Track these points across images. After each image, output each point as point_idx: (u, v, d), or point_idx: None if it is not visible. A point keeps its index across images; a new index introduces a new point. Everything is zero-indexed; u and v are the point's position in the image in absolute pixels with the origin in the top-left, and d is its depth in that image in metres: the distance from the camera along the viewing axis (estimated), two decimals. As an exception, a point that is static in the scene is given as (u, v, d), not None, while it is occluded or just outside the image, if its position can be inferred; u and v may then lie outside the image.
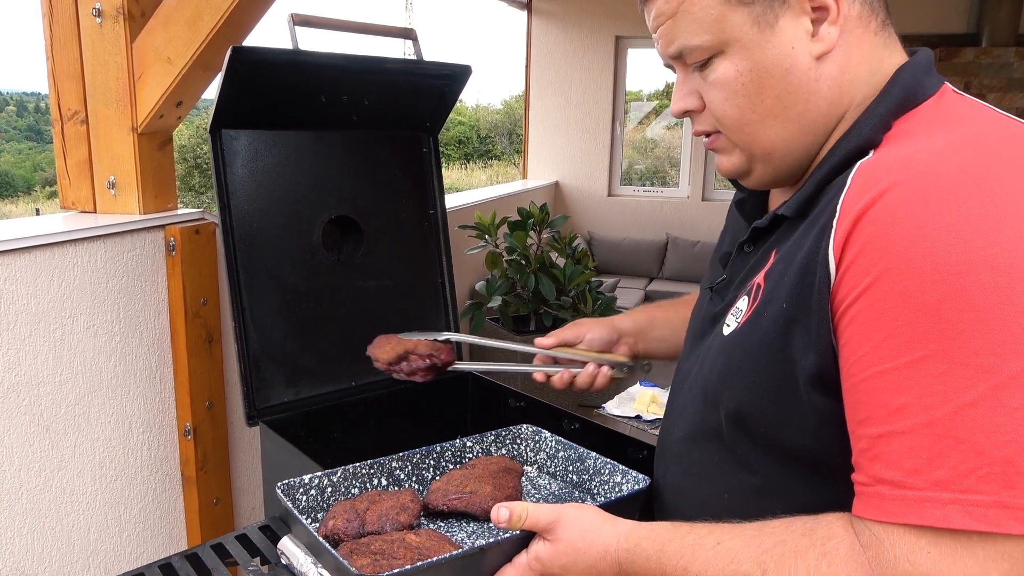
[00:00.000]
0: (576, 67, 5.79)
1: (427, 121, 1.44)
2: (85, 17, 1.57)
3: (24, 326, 1.34)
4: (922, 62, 0.71)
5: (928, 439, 0.54)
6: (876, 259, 0.57)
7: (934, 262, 0.54)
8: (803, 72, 0.69)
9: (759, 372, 0.69)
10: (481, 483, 0.96)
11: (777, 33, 0.68)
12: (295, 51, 1.15)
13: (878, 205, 0.58)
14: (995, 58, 4.77)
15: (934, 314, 0.54)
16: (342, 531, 0.88)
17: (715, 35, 0.69)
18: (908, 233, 0.56)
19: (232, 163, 1.21)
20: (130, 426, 1.58)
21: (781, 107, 0.70)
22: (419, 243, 1.46)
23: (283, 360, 1.28)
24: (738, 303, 0.76)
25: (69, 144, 1.65)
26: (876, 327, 0.57)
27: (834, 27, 0.68)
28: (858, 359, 0.59)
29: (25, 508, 1.38)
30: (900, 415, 0.56)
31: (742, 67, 0.69)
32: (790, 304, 0.65)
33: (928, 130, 0.65)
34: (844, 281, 0.60)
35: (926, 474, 0.54)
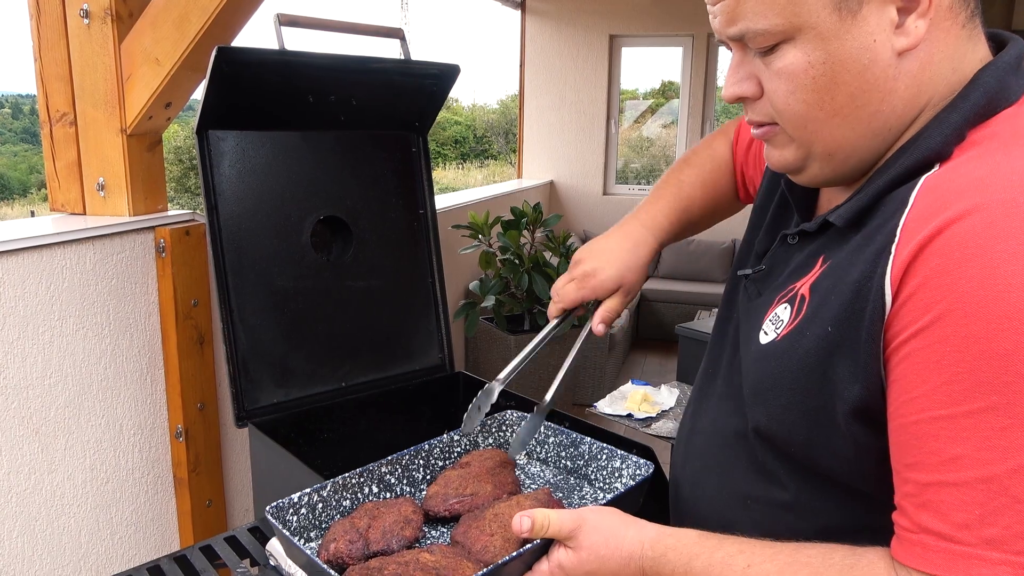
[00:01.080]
0: (570, 66, 5.79)
1: (416, 121, 1.44)
2: (73, 18, 1.56)
3: (12, 328, 1.34)
4: (1010, 60, 0.63)
5: (982, 495, 0.52)
6: (940, 296, 0.53)
7: (1006, 308, 0.50)
8: (882, 68, 0.61)
9: (796, 394, 0.66)
10: (480, 482, 0.94)
11: (859, 22, 0.60)
12: (281, 51, 1.14)
13: (946, 235, 0.53)
14: (988, 55, 4.77)
15: (1001, 364, 0.50)
16: (346, 554, 0.82)
17: (788, 19, 0.61)
18: (979, 271, 0.51)
19: (219, 164, 1.21)
20: (121, 428, 1.58)
21: (853, 106, 0.63)
22: (409, 243, 1.46)
23: (272, 361, 1.28)
24: (777, 310, 0.71)
25: (58, 146, 1.65)
26: (935, 369, 0.53)
27: (923, 20, 0.60)
28: (911, 399, 0.55)
29: (15, 511, 1.37)
30: (954, 466, 0.53)
31: (814, 58, 0.62)
32: (836, 329, 0.61)
33: (1007, 146, 0.58)
34: (901, 314, 0.56)
35: (977, 530, 0.52)
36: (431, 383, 1.46)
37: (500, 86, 52.44)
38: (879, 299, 0.57)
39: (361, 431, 1.36)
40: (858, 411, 0.61)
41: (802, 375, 0.65)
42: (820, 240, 0.70)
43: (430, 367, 1.48)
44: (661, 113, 9.33)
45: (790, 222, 0.80)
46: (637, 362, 4.96)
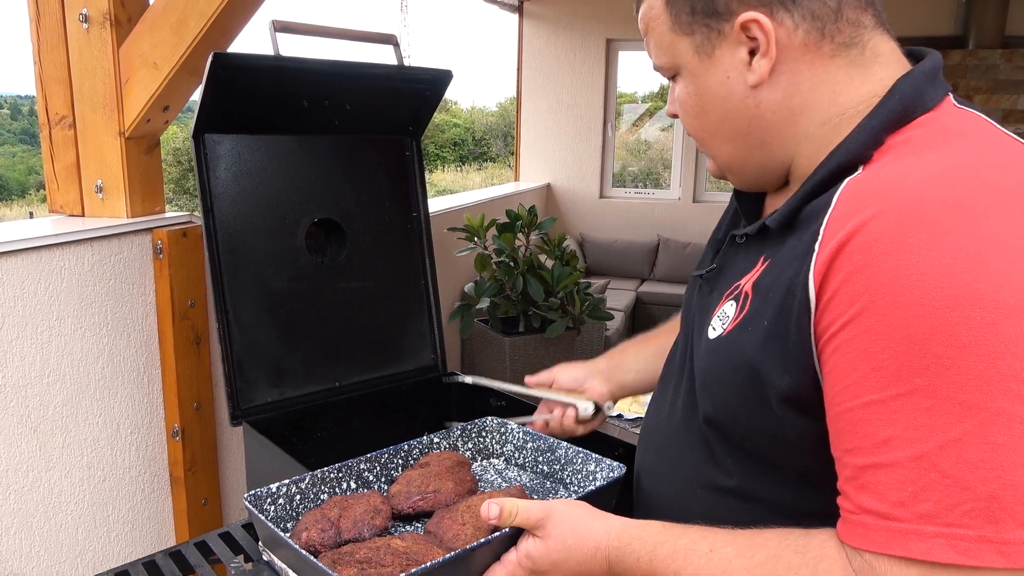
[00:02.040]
0: (567, 70, 5.81)
1: (409, 125, 1.46)
2: (72, 22, 1.59)
3: (11, 328, 1.36)
4: (927, 70, 0.69)
5: (914, 473, 0.55)
6: (862, 289, 0.57)
7: (920, 296, 0.54)
8: (739, 100, 0.72)
9: (738, 384, 0.70)
10: (441, 480, 0.96)
11: (715, 62, 0.72)
12: (276, 57, 1.17)
13: (863, 233, 0.58)
14: (982, 60, 4.81)
15: (920, 349, 0.54)
16: (318, 542, 0.85)
17: (670, 58, 0.75)
18: (894, 265, 0.55)
19: (216, 167, 1.23)
20: (118, 427, 1.60)
21: (724, 129, 0.74)
22: (402, 245, 1.48)
23: (267, 361, 1.30)
24: (725, 306, 0.76)
25: (57, 148, 1.67)
26: (862, 358, 0.57)
27: (765, 59, 0.69)
28: (844, 388, 0.59)
29: (13, 508, 1.39)
30: (886, 447, 0.56)
31: (690, 89, 0.75)
32: (771, 323, 0.66)
33: (920, 149, 0.63)
34: (829, 309, 0.60)
35: (911, 507, 0.55)
36: (424, 383, 1.49)
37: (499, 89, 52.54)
38: (804, 296, 0.62)
39: (355, 430, 1.38)
40: (789, 400, 0.65)
41: (743, 367, 0.69)
42: (762, 241, 0.75)
43: (423, 367, 1.50)
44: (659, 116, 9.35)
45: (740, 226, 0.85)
46: (633, 364, 4.98)
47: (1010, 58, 4.81)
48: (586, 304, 3.12)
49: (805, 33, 0.69)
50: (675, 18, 0.72)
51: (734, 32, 0.69)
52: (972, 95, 4.86)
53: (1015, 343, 0.53)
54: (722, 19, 0.70)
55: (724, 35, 0.70)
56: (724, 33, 0.70)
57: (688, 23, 0.72)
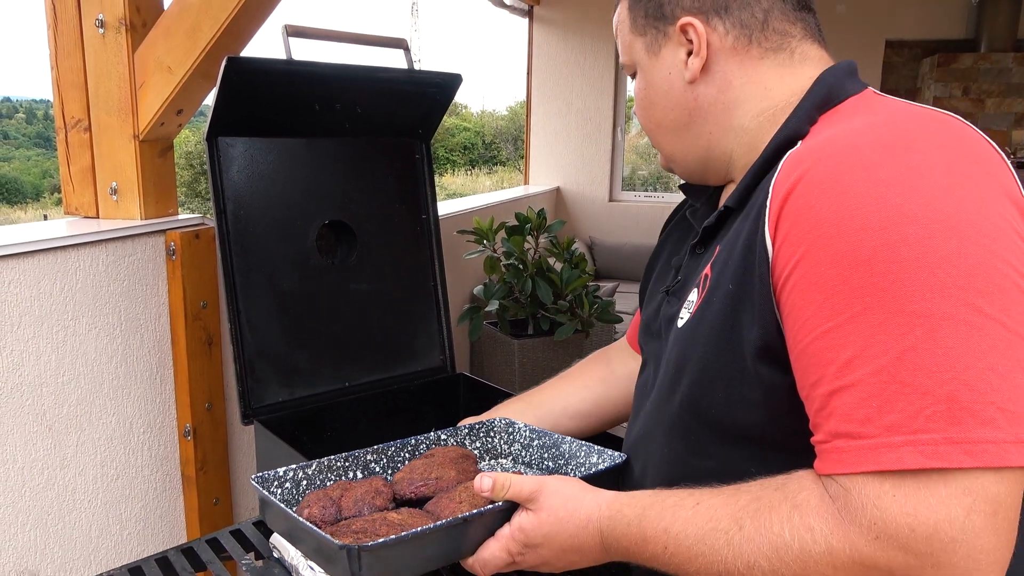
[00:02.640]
0: (577, 74, 5.83)
1: (419, 128, 1.48)
2: (88, 27, 1.61)
3: (28, 328, 1.38)
4: (844, 66, 0.79)
5: (876, 387, 0.57)
6: (807, 229, 0.61)
7: (859, 222, 0.58)
8: (679, 93, 0.82)
9: (710, 355, 0.74)
10: (444, 469, 0.98)
11: (661, 60, 0.83)
12: (288, 61, 1.19)
13: (804, 181, 0.63)
14: (993, 63, 4.79)
15: (865, 269, 0.58)
16: (319, 518, 0.87)
17: (629, 56, 0.87)
18: (832, 200, 0.60)
19: (228, 170, 1.25)
20: (131, 426, 1.62)
21: (668, 120, 0.84)
22: (412, 247, 1.50)
23: (278, 361, 1.32)
24: (690, 296, 0.81)
25: (73, 151, 1.70)
26: (815, 290, 0.61)
27: (697, 59, 0.79)
28: (803, 324, 0.62)
29: (28, 506, 1.41)
30: (848, 369, 0.58)
31: (642, 84, 0.86)
32: (735, 284, 0.70)
33: (849, 116, 0.71)
34: (780, 254, 0.64)
35: (877, 421, 0.57)
36: (432, 384, 1.50)
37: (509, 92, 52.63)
38: (763, 249, 0.66)
39: (363, 430, 1.40)
40: (761, 351, 0.68)
41: (713, 335, 0.73)
42: (718, 234, 0.82)
43: (432, 368, 1.51)
44: (668, 120, 9.27)
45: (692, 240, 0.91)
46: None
47: (1022, 61, 4.79)
48: (595, 307, 3.12)
49: (735, 39, 0.79)
50: (633, 21, 0.84)
51: (675, 34, 0.80)
52: (984, 99, 4.83)
53: (949, 253, 0.56)
54: (667, 22, 0.81)
55: (668, 36, 0.81)
56: (668, 35, 0.81)
57: (642, 25, 0.83)
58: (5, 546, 1.38)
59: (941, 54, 4.79)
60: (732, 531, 0.64)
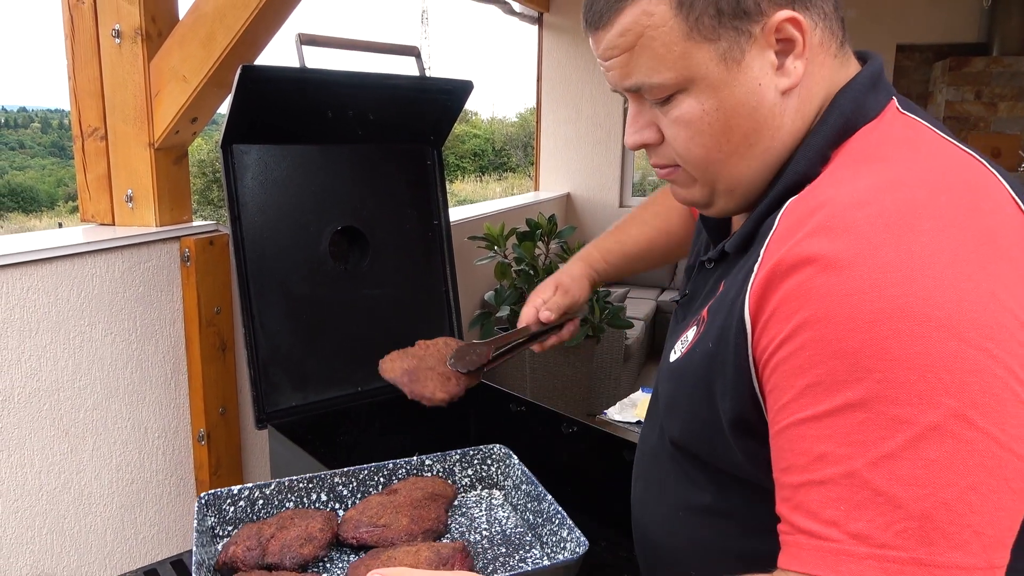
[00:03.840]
0: (587, 80, 5.84)
1: (431, 134, 1.49)
2: (105, 38, 1.64)
3: (45, 334, 1.40)
4: (864, 80, 0.68)
5: (846, 490, 0.53)
6: (796, 307, 0.56)
7: (850, 311, 0.53)
8: (769, 108, 0.66)
9: (693, 406, 0.70)
10: (398, 514, 0.91)
11: (744, 69, 0.65)
12: (302, 69, 1.20)
13: (795, 253, 0.57)
14: (1006, 67, 4.76)
15: (851, 363, 0.53)
16: (240, 560, 0.84)
17: (679, 72, 0.65)
18: (825, 282, 0.55)
19: (243, 177, 1.26)
20: (146, 431, 1.63)
21: (747, 144, 0.68)
22: (423, 253, 1.51)
23: (291, 366, 1.33)
24: (688, 332, 0.75)
25: (89, 159, 1.72)
26: (798, 375, 0.56)
27: (800, 60, 0.65)
28: (782, 407, 0.58)
29: (45, 509, 1.43)
30: (820, 464, 0.54)
31: (708, 106, 0.66)
32: (715, 346, 0.66)
33: (856, 163, 0.63)
34: (767, 330, 0.59)
35: (844, 526, 0.53)
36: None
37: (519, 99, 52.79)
38: (740, 318, 0.61)
39: (376, 434, 1.40)
40: (735, 423, 0.64)
41: (695, 390, 0.69)
42: (724, 265, 0.74)
43: (443, 373, 1.52)
44: (679, 126, 9.27)
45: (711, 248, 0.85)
46: (653, 373, 4.97)
47: (1035, 65, 4.76)
48: (606, 312, 3.12)
49: (821, 33, 0.66)
50: (694, 23, 0.64)
51: (763, 34, 0.64)
52: (996, 102, 4.80)
53: (944, 355, 0.51)
54: (751, 19, 0.63)
55: (754, 37, 0.64)
56: (754, 35, 0.64)
57: (711, 27, 0.63)
58: (22, 549, 1.39)
59: (953, 58, 4.77)
60: None
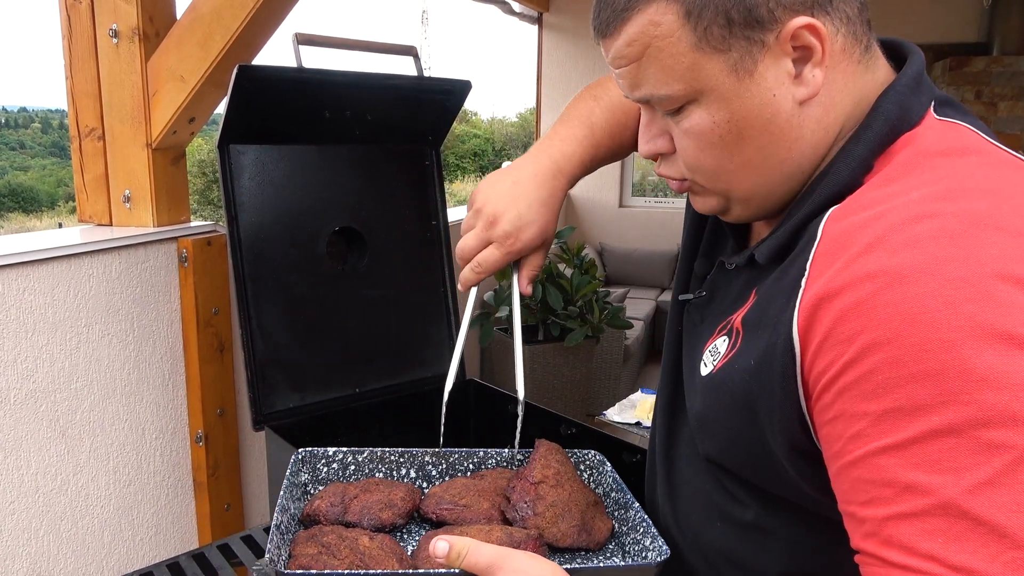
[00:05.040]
0: (586, 80, 5.83)
1: (429, 135, 1.49)
2: (102, 38, 1.63)
3: (42, 334, 1.39)
4: (909, 81, 0.64)
5: (943, 521, 0.49)
6: (859, 328, 0.53)
7: (926, 330, 0.50)
8: (785, 119, 0.63)
9: (734, 426, 0.66)
10: (480, 498, 0.90)
11: (757, 80, 0.62)
12: (299, 69, 1.19)
13: (852, 270, 0.54)
14: (1006, 67, 4.75)
15: (934, 385, 0.49)
16: (323, 514, 0.86)
17: (688, 84, 0.63)
18: (892, 300, 0.51)
19: (240, 177, 1.26)
20: (143, 432, 1.63)
21: (761, 156, 0.65)
22: (422, 253, 1.50)
23: (289, 367, 1.32)
24: (717, 341, 0.71)
25: (87, 160, 1.72)
26: (870, 400, 0.52)
27: (819, 68, 0.62)
28: (855, 435, 0.54)
29: (42, 510, 1.42)
30: (909, 495, 0.51)
31: (719, 117, 0.63)
32: (757, 363, 0.62)
33: (905, 175, 0.59)
34: (822, 353, 0.55)
35: (944, 559, 0.49)
36: (442, 390, 1.50)
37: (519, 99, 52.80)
38: (788, 337, 0.58)
39: (374, 436, 1.40)
40: (787, 448, 0.61)
41: (735, 409, 0.65)
42: (751, 272, 0.70)
43: (442, 374, 1.51)
44: (679, 126, 9.25)
45: (726, 245, 0.81)
46: (653, 373, 4.96)
47: (1036, 65, 4.76)
48: (605, 313, 3.12)
49: (844, 38, 0.62)
50: (703, 34, 0.61)
51: (778, 43, 0.61)
52: (997, 102, 4.80)
53: None
54: (764, 28, 0.60)
55: (767, 46, 0.61)
56: (767, 44, 0.61)
57: (721, 37, 0.61)
58: (20, 551, 1.39)
59: (953, 57, 4.77)
60: None
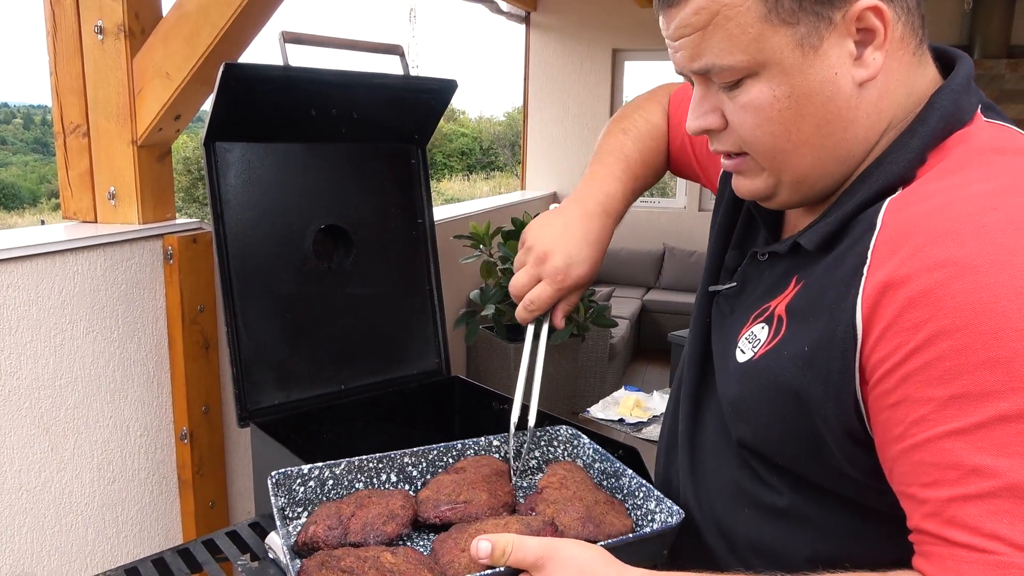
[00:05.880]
0: (574, 80, 5.86)
1: (415, 133, 1.50)
2: (87, 34, 1.63)
3: (26, 331, 1.39)
4: (962, 81, 0.67)
5: (1009, 503, 0.51)
6: (926, 316, 0.54)
7: (997, 319, 0.52)
8: (844, 99, 0.64)
9: (776, 412, 0.67)
10: (475, 490, 0.89)
11: (821, 57, 0.63)
12: (285, 67, 1.20)
13: (920, 259, 0.55)
14: (987, 69, 4.82)
15: (1005, 373, 0.51)
16: (322, 539, 0.82)
17: (752, 55, 0.63)
18: (962, 289, 0.53)
19: (225, 174, 1.26)
20: (128, 429, 1.62)
21: (819, 136, 0.65)
22: (407, 251, 1.51)
23: (275, 364, 1.33)
24: (754, 328, 0.72)
25: (71, 156, 1.71)
26: (937, 386, 0.54)
27: (880, 52, 0.63)
28: (919, 419, 0.55)
29: (25, 508, 1.42)
30: (975, 478, 0.53)
31: (779, 92, 0.64)
32: (812, 349, 0.63)
33: (962, 169, 0.61)
34: (886, 339, 0.57)
35: (1010, 539, 0.51)
36: (428, 387, 1.51)
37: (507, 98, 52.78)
38: (850, 323, 0.59)
39: (359, 432, 1.41)
40: (842, 431, 0.62)
41: (781, 393, 0.66)
42: (791, 260, 0.71)
43: (427, 371, 1.52)
44: (665, 126, 9.29)
45: (757, 237, 0.82)
46: (638, 371, 5.00)
47: (1016, 68, 4.83)
48: (591, 311, 3.14)
49: (903, 27, 0.64)
50: (773, 5, 0.62)
51: (844, 22, 0.62)
52: (977, 105, 4.87)
53: None
54: (835, 6, 0.61)
55: (834, 24, 0.62)
56: (835, 22, 0.62)
57: (792, 10, 0.62)
58: (2, 548, 1.39)
59: (935, 60, 4.83)
60: None
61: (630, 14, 5.54)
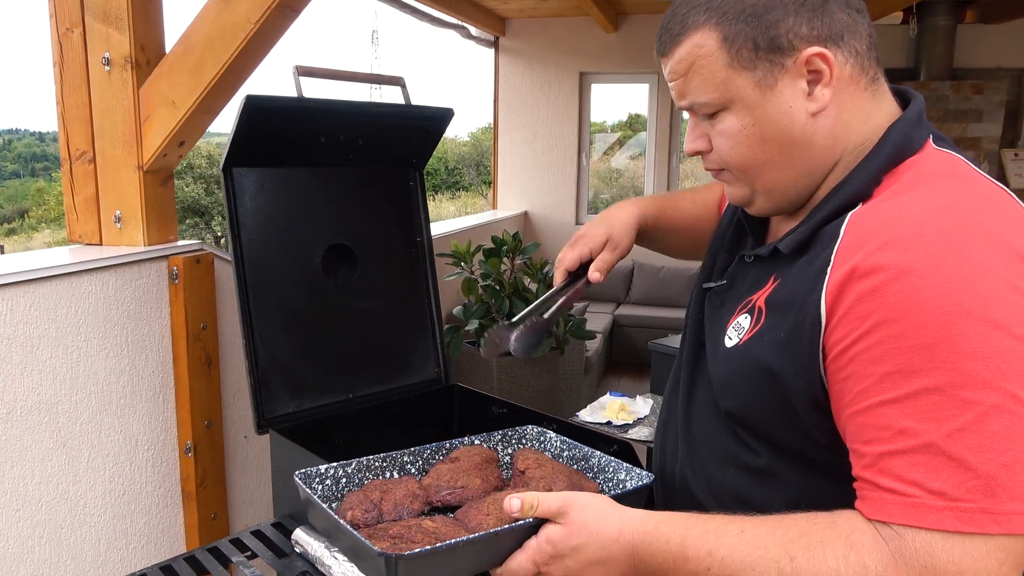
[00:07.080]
0: (542, 102, 6.02)
1: (414, 158, 1.60)
2: (95, 65, 1.71)
3: (45, 349, 1.45)
4: (913, 116, 0.81)
5: (925, 457, 0.65)
6: (872, 308, 0.68)
7: (924, 313, 0.66)
8: (800, 127, 0.80)
9: (758, 387, 0.81)
10: (469, 476, 1.03)
11: (776, 94, 0.79)
12: (300, 98, 1.30)
13: (870, 261, 0.69)
14: (932, 91, 5.10)
15: (927, 355, 0.66)
16: (361, 521, 0.93)
17: (722, 94, 0.80)
18: (900, 288, 0.67)
19: (242, 198, 1.35)
20: (136, 443, 1.68)
21: (781, 156, 0.81)
22: (407, 268, 1.61)
23: (288, 374, 1.41)
24: (740, 319, 0.86)
25: (77, 181, 1.78)
26: (877, 364, 0.68)
27: (827, 89, 0.78)
28: (862, 391, 0.69)
29: (44, 519, 1.47)
30: (902, 437, 0.67)
31: (746, 122, 0.81)
32: (787, 335, 0.77)
33: (912, 188, 0.76)
34: (841, 325, 0.71)
35: (924, 485, 0.66)
36: (429, 395, 1.60)
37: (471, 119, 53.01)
38: (816, 314, 0.73)
39: (366, 437, 1.49)
40: (811, 401, 0.76)
41: (760, 371, 0.80)
42: (772, 261, 0.86)
43: (428, 380, 1.62)
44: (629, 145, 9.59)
45: (745, 244, 0.98)
46: (611, 383, 5.12)
47: (958, 89, 5.12)
48: (570, 325, 3.25)
49: (851, 68, 0.79)
50: (735, 55, 0.78)
51: (796, 66, 0.78)
52: (924, 124, 5.13)
53: (1002, 349, 0.65)
54: (784, 54, 0.77)
55: (786, 68, 0.78)
56: (786, 67, 0.78)
57: (750, 59, 0.78)
58: (23, 558, 1.44)
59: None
60: (783, 561, 0.69)
61: (596, 38, 5.73)
